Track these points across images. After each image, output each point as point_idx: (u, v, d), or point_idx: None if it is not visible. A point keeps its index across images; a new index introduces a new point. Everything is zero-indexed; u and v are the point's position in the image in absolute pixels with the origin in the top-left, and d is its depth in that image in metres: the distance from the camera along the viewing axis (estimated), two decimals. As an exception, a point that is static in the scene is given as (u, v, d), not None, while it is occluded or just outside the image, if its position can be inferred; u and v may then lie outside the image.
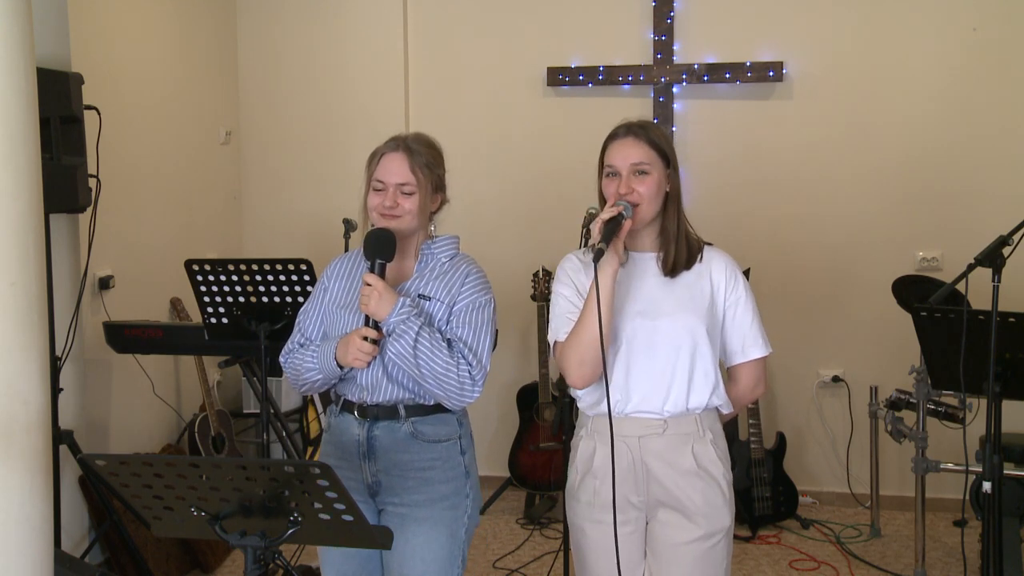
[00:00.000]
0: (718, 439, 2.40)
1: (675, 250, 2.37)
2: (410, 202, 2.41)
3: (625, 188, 2.32)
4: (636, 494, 2.37)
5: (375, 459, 2.42)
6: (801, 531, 4.61)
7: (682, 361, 2.33)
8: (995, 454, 2.85)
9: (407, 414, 2.41)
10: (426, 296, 2.41)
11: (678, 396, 2.33)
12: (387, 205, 2.41)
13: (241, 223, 5.28)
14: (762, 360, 2.44)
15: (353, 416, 2.44)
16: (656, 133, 2.39)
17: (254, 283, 3.27)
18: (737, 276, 2.42)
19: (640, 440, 2.34)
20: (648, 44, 4.89)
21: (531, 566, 4.23)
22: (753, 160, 4.89)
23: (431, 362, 2.31)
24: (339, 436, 2.48)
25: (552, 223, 4.81)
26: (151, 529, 2.00)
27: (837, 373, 4.89)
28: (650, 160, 2.33)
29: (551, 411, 4.65)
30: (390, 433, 2.41)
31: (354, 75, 5.12)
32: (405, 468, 2.41)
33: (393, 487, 2.42)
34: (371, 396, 2.41)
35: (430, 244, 2.49)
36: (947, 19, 4.68)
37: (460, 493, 2.45)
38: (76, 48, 3.75)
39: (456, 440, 2.46)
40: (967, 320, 2.85)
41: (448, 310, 2.41)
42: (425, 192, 2.43)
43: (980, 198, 4.68)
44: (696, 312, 2.34)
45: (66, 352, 3.54)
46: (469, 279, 2.43)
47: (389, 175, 2.42)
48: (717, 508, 2.35)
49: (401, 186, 2.41)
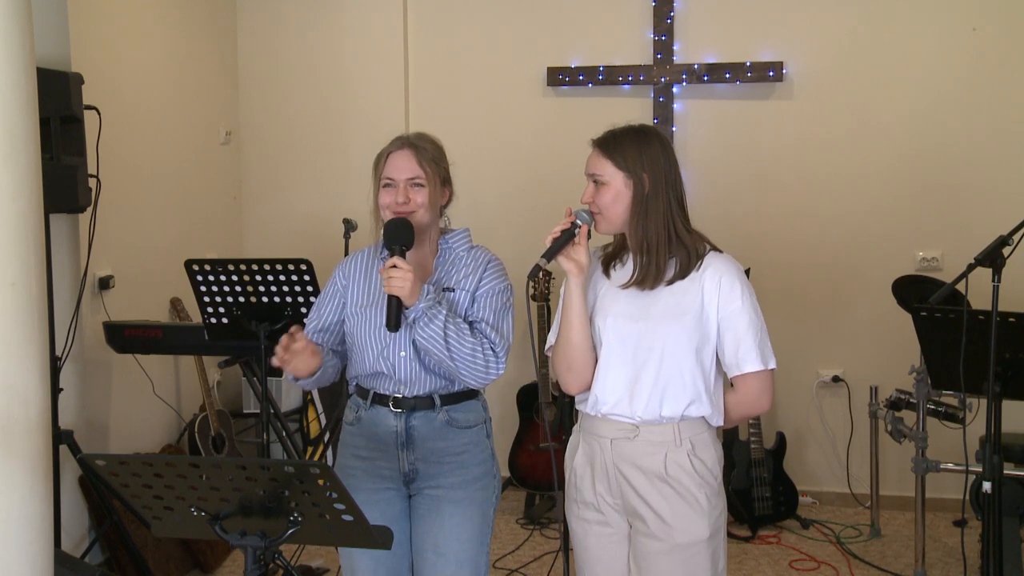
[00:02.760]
0: (700, 449, 2.33)
1: (644, 262, 2.32)
2: (421, 195, 2.49)
3: (588, 197, 2.40)
4: (611, 495, 2.38)
5: (413, 448, 2.51)
6: (801, 531, 4.61)
7: (656, 368, 2.30)
8: (995, 454, 2.85)
9: (441, 403, 2.51)
10: (450, 288, 2.50)
11: (650, 402, 2.31)
12: (399, 201, 2.47)
13: (241, 223, 5.28)
14: (760, 374, 2.34)
15: (388, 408, 2.52)
16: (621, 145, 2.34)
17: (254, 283, 3.27)
18: (734, 285, 2.32)
19: (612, 442, 2.35)
20: (648, 44, 4.89)
21: (531, 566, 4.23)
22: (753, 160, 4.89)
23: (459, 344, 2.39)
24: (373, 428, 2.54)
25: (552, 223, 4.76)
26: (151, 529, 2.00)
27: (837, 373, 4.89)
28: (604, 171, 2.35)
29: (551, 411, 4.66)
30: (427, 422, 2.51)
31: (354, 75, 5.12)
32: (442, 454, 2.52)
33: (430, 472, 2.52)
34: (410, 390, 2.49)
35: (447, 238, 2.58)
36: (947, 19, 4.68)
37: (489, 474, 2.58)
38: (76, 48, 3.75)
39: (483, 424, 2.59)
40: (967, 320, 2.85)
41: (471, 298, 2.51)
42: (434, 185, 2.51)
43: (980, 198, 4.68)
44: (680, 320, 2.30)
45: (66, 352, 3.54)
46: (490, 267, 2.54)
47: (398, 172, 2.48)
48: (687, 519, 2.30)
49: (411, 180, 2.48)
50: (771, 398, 2.39)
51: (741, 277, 2.36)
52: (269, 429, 3.41)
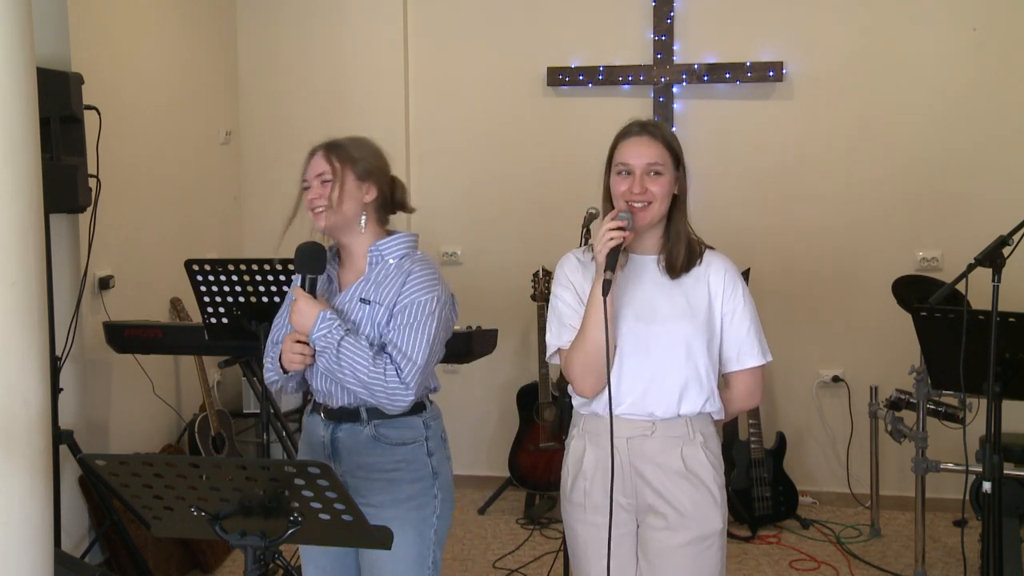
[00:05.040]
0: (709, 442, 2.37)
1: (677, 252, 2.35)
2: (327, 189, 2.43)
3: (639, 187, 2.29)
4: (624, 496, 2.36)
5: (340, 460, 2.43)
6: (801, 531, 4.61)
7: (676, 367, 2.31)
8: (995, 454, 2.85)
9: (369, 417, 2.41)
10: (366, 300, 2.38)
11: (669, 402, 2.31)
12: (311, 198, 2.45)
13: (241, 223, 5.28)
14: (758, 369, 2.40)
15: (320, 417, 2.47)
16: (669, 133, 2.38)
17: (254, 283, 3.27)
18: (736, 282, 2.38)
19: (628, 442, 2.34)
20: (648, 44, 4.89)
21: (531, 566, 4.23)
22: (753, 160, 4.89)
23: (356, 372, 2.29)
24: (308, 436, 2.52)
25: (552, 223, 4.80)
26: (151, 529, 2.00)
27: (837, 373, 4.89)
28: (664, 160, 2.31)
29: (551, 411, 4.65)
30: (352, 435, 2.42)
31: (354, 75, 5.12)
32: (370, 470, 2.41)
33: (359, 488, 2.41)
34: (333, 400, 2.43)
35: (378, 245, 2.43)
36: (947, 19, 4.69)
37: (427, 494, 2.43)
38: (76, 48, 3.75)
39: (422, 442, 2.44)
40: (967, 320, 2.85)
41: (388, 312, 2.36)
42: (345, 179, 2.42)
43: (980, 198, 4.68)
44: (693, 318, 2.32)
45: (66, 352, 3.54)
46: (411, 279, 2.37)
47: (310, 171, 2.47)
48: (705, 511, 2.33)
49: (319, 176, 2.44)
50: (762, 393, 2.46)
51: (739, 273, 2.43)
52: (269, 429, 3.41)
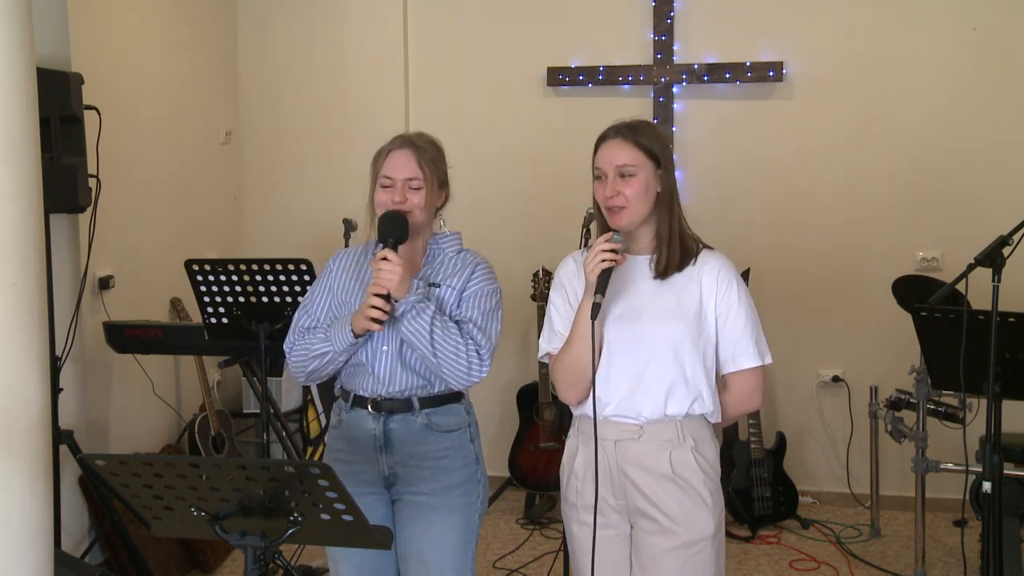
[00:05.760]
0: (701, 446, 2.34)
1: (668, 252, 2.33)
2: (418, 196, 2.47)
3: (610, 191, 2.30)
4: (614, 497, 2.36)
5: (392, 451, 2.49)
6: (801, 531, 4.61)
7: (661, 368, 2.29)
8: (995, 454, 2.85)
9: (420, 406, 2.48)
10: (435, 284, 2.48)
11: (655, 403, 2.30)
12: (396, 200, 2.46)
13: (241, 223, 5.28)
14: (756, 371, 2.36)
15: (367, 411, 2.50)
16: (646, 134, 2.34)
17: (254, 283, 3.27)
18: (731, 282, 2.34)
19: (616, 444, 2.33)
20: (648, 44, 4.89)
21: (531, 566, 4.23)
22: (753, 160, 4.89)
23: (444, 342, 2.37)
24: (352, 431, 2.52)
25: (552, 223, 4.80)
26: (151, 529, 2.00)
27: (837, 373, 4.89)
28: (636, 161, 2.30)
29: (551, 411, 4.65)
30: (406, 426, 2.48)
31: (354, 75, 5.12)
32: (421, 458, 2.49)
33: (409, 477, 2.49)
34: (386, 387, 2.47)
35: (436, 239, 2.57)
36: (947, 19, 4.68)
37: (473, 480, 2.53)
38: (76, 48, 3.75)
39: (466, 428, 2.55)
40: (967, 320, 2.85)
41: (458, 296, 2.48)
42: (431, 187, 2.49)
43: (980, 198, 4.68)
44: (682, 319, 2.30)
45: (66, 352, 3.54)
46: (478, 269, 2.52)
47: (397, 171, 2.47)
48: (694, 516, 2.31)
49: (409, 181, 2.47)
50: (763, 395, 2.41)
51: (736, 273, 2.39)
52: (269, 429, 3.41)
